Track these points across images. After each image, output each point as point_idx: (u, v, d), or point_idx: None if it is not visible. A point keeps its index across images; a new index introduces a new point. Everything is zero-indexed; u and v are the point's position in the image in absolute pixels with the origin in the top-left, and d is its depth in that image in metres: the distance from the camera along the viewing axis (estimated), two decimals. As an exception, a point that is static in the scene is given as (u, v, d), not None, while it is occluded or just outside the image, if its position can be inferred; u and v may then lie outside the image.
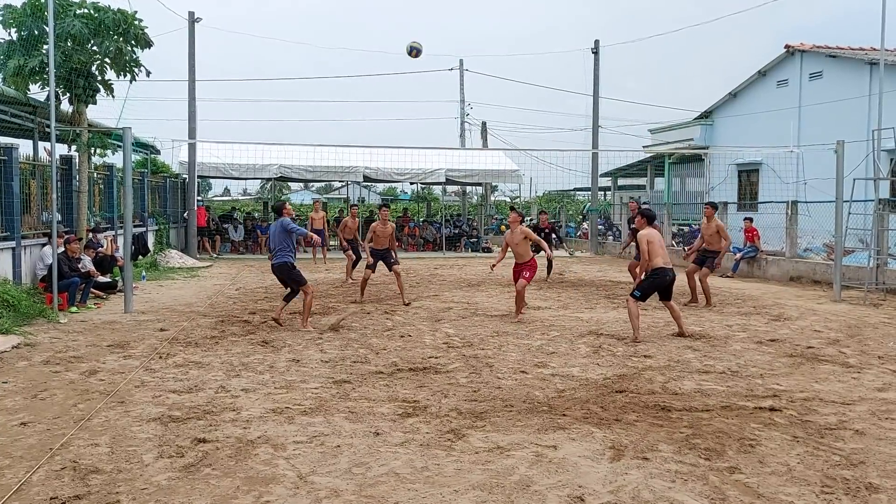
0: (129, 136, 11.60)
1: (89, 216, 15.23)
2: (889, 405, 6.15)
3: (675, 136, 26.97)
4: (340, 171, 24.36)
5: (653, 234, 9.15)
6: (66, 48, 13.24)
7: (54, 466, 4.65)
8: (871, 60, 18.48)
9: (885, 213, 13.83)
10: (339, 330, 9.63)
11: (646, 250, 9.03)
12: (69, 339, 8.92)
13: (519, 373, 7.25)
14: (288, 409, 5.91)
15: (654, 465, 4.68)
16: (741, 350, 8.47)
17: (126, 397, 6.27)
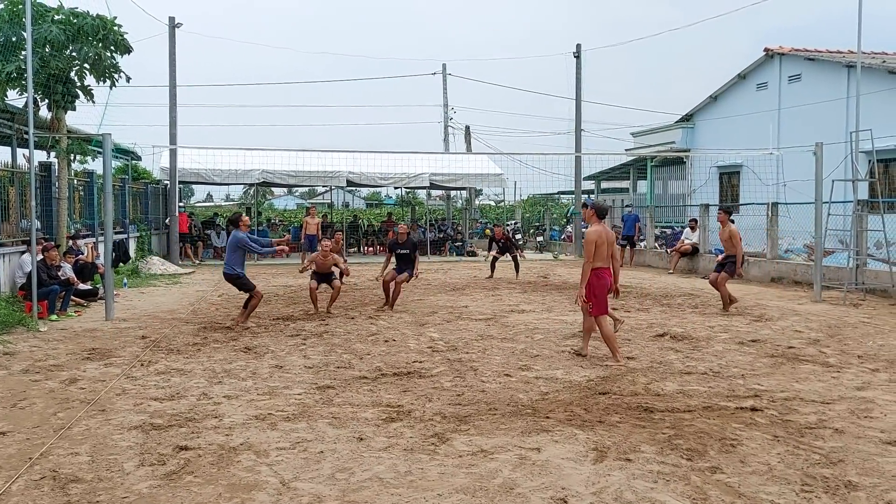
0: (109, 143, 11.51)
1: (69, 223, 15.10)
2: (868, 404, 6.22)
3: (657, 139, 27.17)
4: (324, 175, 24.30)
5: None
6: (44, 54, 13.14)
7: (34, 476, 4.60)
8: (848, 63, 18.71)
9: (864, 213, 14.00)
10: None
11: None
12: (49, 347, 8.83)
13: (503, 376, 7.27)
14: (271, 416, 5.88)
15: (637, 466, 4.71)
16: (723, 351, 8.53)
17: (107, 405, 6.22)
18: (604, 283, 7.97)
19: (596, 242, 7.85)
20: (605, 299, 8.02)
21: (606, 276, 8.00)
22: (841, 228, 14.51)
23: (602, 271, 7.96)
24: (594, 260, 7.88)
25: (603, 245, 7.91)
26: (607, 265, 8.02)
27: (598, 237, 7.88)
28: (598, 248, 7.86)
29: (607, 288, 8.02)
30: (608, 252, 8.00)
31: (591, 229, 7.95)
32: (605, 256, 7.95)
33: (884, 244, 13.66)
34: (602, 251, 7.91)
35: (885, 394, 6.56)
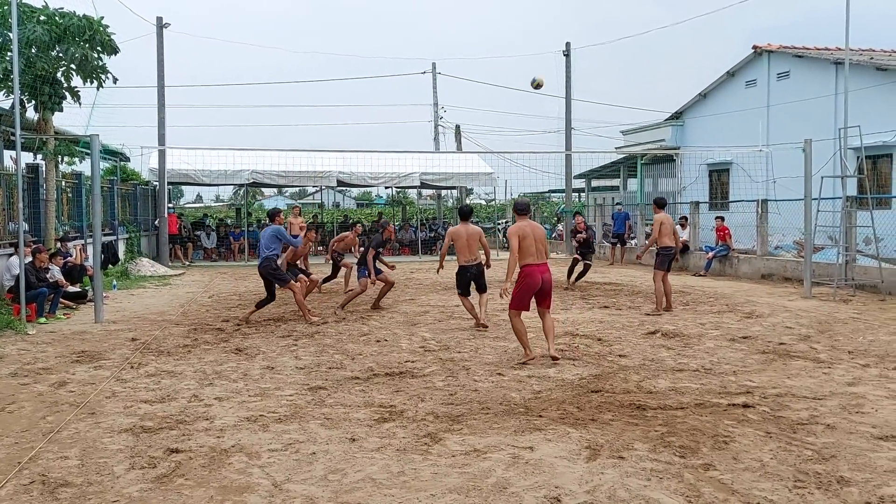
0: (97, 144, 11.43)
1: (57, 225, 14.99)
2: (859, 399, 6.24)
3: (647, 137, 27.23)
4: (314, 175, 24.23)
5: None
6: (30, 55, 13.03)
7: (23, 480, 4.55)
8: (836, 60, 18.79)
9: (853, 210, 14.07)
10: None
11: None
12: (38, 350, 8.76)
13: (495, 375, 7.25)
14: (262, 417, 5.85)
15: (630, 464, 4.70)
16: (714, 348, 8.55)
17: (96, 408, 6.17)
18: (529, 280, 7.68)
19: (518, 236, 7.66)
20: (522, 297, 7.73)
21: (534, 272, 7.68)
22: (830, 225, 14.57)
23: (531, 267, 7.70)
24: (521, 256, 7.69)
25: (527, 239, 7.68)
26: (539, 261, 7.75)
27: (520, 231, 7.70)
28: (521, 243, 7.64)
29: (535, 285, 7.67)
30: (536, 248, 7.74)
31: (513, 226, 7.88)
32: (532, 252, 7.70)
33: (873, 240, 13.74)
34: (526, 245, 7.68)
35: (875, 389, 6.58)
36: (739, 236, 18.64)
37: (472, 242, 9.50)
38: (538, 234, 7.83)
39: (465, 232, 9.49)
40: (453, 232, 9.68)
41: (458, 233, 9.65)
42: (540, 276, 7.68)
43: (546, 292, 7.78)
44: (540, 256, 7.75)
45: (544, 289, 7.74)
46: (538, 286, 7.68)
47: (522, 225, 7.80)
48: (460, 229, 9.67)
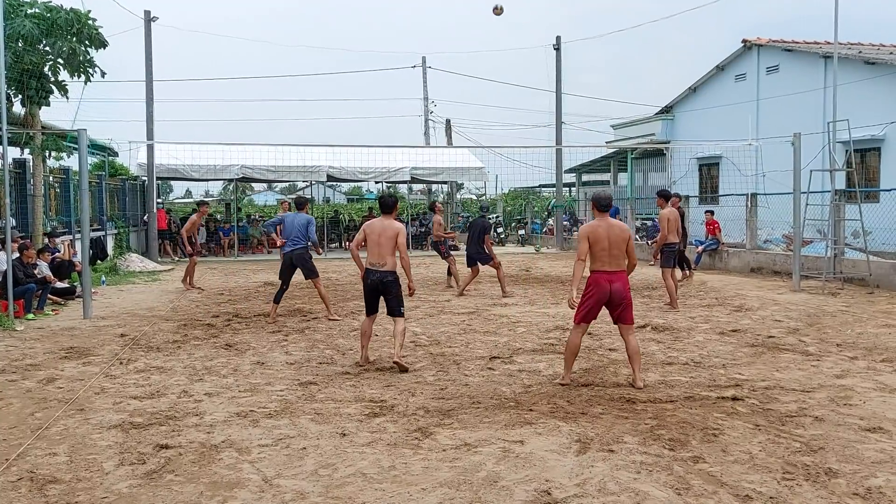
0: (85, 138, 11.35)
1: (45, 221, 14.90)
2: (847, 391, 6.28)
3: (637, 132, 27.29)
4: (304, 170, 24.14)
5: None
6: (17, 49, 12.92)
7: (10, 477, 4.52)
8: (825, 54, 18.87)
9: (842, 203, 14.14)
10: None
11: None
12: (26, 346, 8.70)
13: (486, 369, 7.26)
14: (252, 413, 5.83)
15: (620, 457, 4.72)
16: (704, 341, 8.59)
17: (85, 405, 6.13)
18: (595, 290, 6.54)
19: (589, 239, 6.54)
20: (588, 308, 6.60)
21: (601, 281, 6.53)
22: (819, 218, 14.66)
23: (598, 275, 6.56)
24: (591, 260, 6.59)
25: (599, 243, 6.49)
26: (611, 268, 6.53)
27: (593, 233, 6.54)
28: (592, 246, 6.53)
29: (600, 298, 6.53)
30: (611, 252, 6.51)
31: (585, 226, 6.73)
32: (604, 257, 6.51)
33: (861, 233, 13.82)
34: (598, 250, 6.51)
35: (863, 381, 6.63)
36: (729, 230, 18.72)
37: (385, 242, 7.26)
38: (615, 237, 6.51)
39: (380, 227, 7.36)
40: (368, 225, 7.54)
41: (372, 226, 7.45)
42: (609, 286, 6.46)
43: (617, 304, 6.53)
44: (614, 263, 6.52)
45: (614, 300, 6.50)
46: (606, 297, 6.49)
47: (597, 225, 6.55)
48: (375, 223, 7.47)
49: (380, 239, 7.31)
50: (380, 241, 7.30)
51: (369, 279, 7.36)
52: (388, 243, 7.29)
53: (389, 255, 7.30)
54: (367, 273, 7.40)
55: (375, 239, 7.33)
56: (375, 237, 7.33)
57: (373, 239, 7.34)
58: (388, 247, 7.29)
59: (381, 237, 7.31)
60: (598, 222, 6.60)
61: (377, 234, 7.34)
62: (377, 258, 7.31)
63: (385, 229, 7.36)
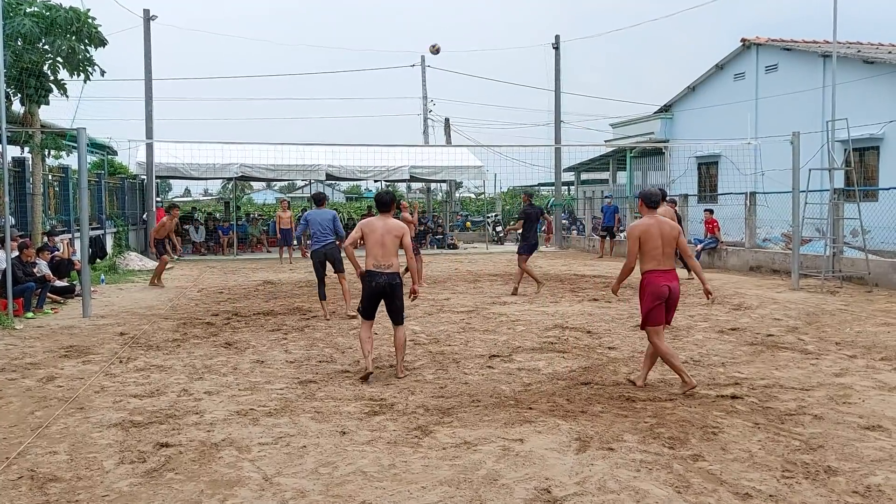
0: (84, 137, 11.34)
1: (44, 219, 14.89)
2: (846, 390, 6.29)
3: (636, 130, 27.27)
4: (303, 169, 24.14)
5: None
6: (17, 47, 12.90)
7: (10, 476, 4.53)
8: (824, 53, 18.87)
9: (840, 202, 14.15)
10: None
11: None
12: (25, 345, 8.70)
13: (485, 368, 7.27)
14: (252, 411, 5.84)
15: (620, 456, 4.73)
16: (703, 339, 8.60)
17: (85, 403, 6.14)
18: (653, 289, 6.29)
19: (640, 238, 6.32)
20: (651, 310, 6.32)
21: (658, 281, 6.29)
22: (818, 217, 14.67)
23: (654, 274, 6.32)
24: (643, 260, 6.36)
25: (651, 241, 6.29)
26: (666, 267, 6.34)
27: (644, 231, 6.32)
28: (643, 246, 6.31)
29: (661, 296, 6.28)
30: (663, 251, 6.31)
31: (635, 222, 6.51)
32: (657, 256, 6.31)
33: (860, 232, 13.83)
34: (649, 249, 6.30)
35: (862, 380, 6.64)
36: (728, 229, 18.72)
37: (389, 242, 6.82)
38: (667, 234, 6.32)
39: (381, 226, 6.88)
40: (366, 224, 7.02)
41: (371, 225, 6.95)
42: (666, 286, 6.27)
43: (670, 306, 6.37)
44: (667, 261, 6.32)
45: (671, 300, 6.34)
46: (664, 296, 6.27)
47: (648, 223, 6.32)
48: (375, 222, 6.97)
49: (383, 239, 6.82)
50: (383, 241, 6.81)
51: (374, 282, 6.80)
52: (392, 243, 6.84)
53: (394, 255, 6.86)
54: (370, 275, 6.83)
55: (378, 239, 6.82)
56: (378, 237, 6.82)
57: (374, 239, 6.82)
58: (393, 247, 6.85)
59: (385, 237, 6.83)
60: (648, 220, 6.37)
61: (379, 233, 6.83)
62: (382, 259, 6.80)
63: (389, 229, 6.88)
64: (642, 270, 6.36)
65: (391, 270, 6.84)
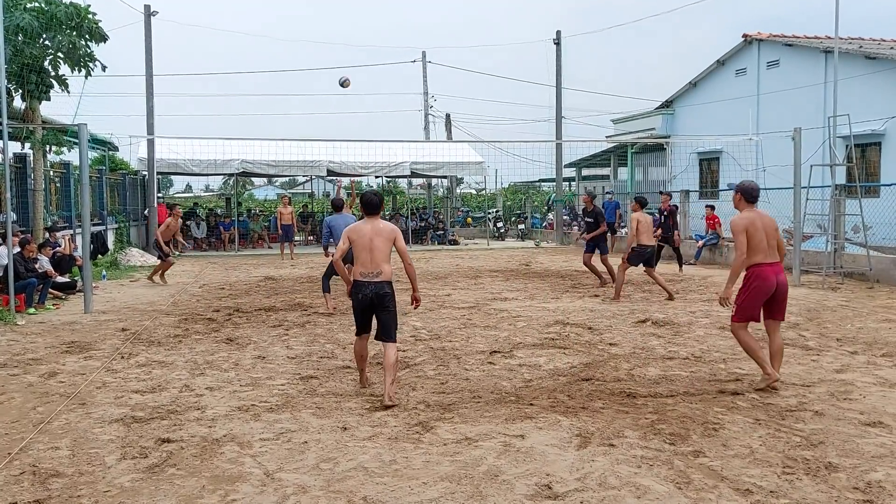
0: (85, 133, 11.34)
1: (46, 215, 14.90)
2: (847, 386, 6.29)
3: (638, 126, 27.24)
4: (304, 165, 24.16)
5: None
6: (17, 43, 12.90)
7: (13, 471, 4.54)
8: (826, 49, 18.83)
9: (842, 198, 14.14)
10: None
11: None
12: (27, 340, 8.72)
13: (486, 364, 7.27)
14: (254, 407, 5.85)
15: (621, 452, 4.73)
16: (704, 336, 8.60)
17: (87, 399, 6.15)
18: (761, 283, 6.19)
19: (747, 231, 6.21)
20: (754, 303, 6.25)
21: (768, 274, 6.21)
22: (819, 213, 14.65)
23: (763, 267, 6.23)
24: (749, 253, 6.23)
25: (757, 233, 6.21)
26: (772, 259, 6.27)
27: (750, 223, 6.25)
28: (750, 240, 6.21)
29: (767, 291, 6.21)
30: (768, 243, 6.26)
31: (740, 217, 6.35)
32: (763, 248, 6.23)
33: (861, 228, 13.82)
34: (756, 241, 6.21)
35: (863, 376, 6.64)
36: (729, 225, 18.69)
37: (379, 247, 6.12)
38: (769, 227, 6.31)
39: (369, 229, 6.14)
40: (353, 230, 6.24)
41: (358, 230, 6.18)
42: (774, 278, 6.20)
43: (780, 299, 6.29)
44: (772, 254, 6.27)
45: (778, 295, 6.26)
46: (771, 290, 6.20)
47: (751, 216, 6.28)
48: (362, 226, 6.19)
49: (372, 243, 6.09)
50: (372, 247, 6.09)
51: (360, 293, 6.09)
52: (382, 248, 6.13)
53: (384, 262, 6.15)
54: (356, 287, 6.14)
55: (366, 244, 6.10)
56: (366, 242, 6.10)
57: (362, 244, 6.11)
58: (383, 252, 6.14)
59: (374, 241, 6.10)
60: (750, 214, 6.31)
61: (367, 238, 6.10)
62: (370, 267, 6.09)
63: (378, 232, 6.14)
64: (749, 263, 6.26)
65: (379, 279, 6.10)
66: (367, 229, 6.16)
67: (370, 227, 6.17)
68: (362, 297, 6.12)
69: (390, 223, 6.47)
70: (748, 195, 6.40)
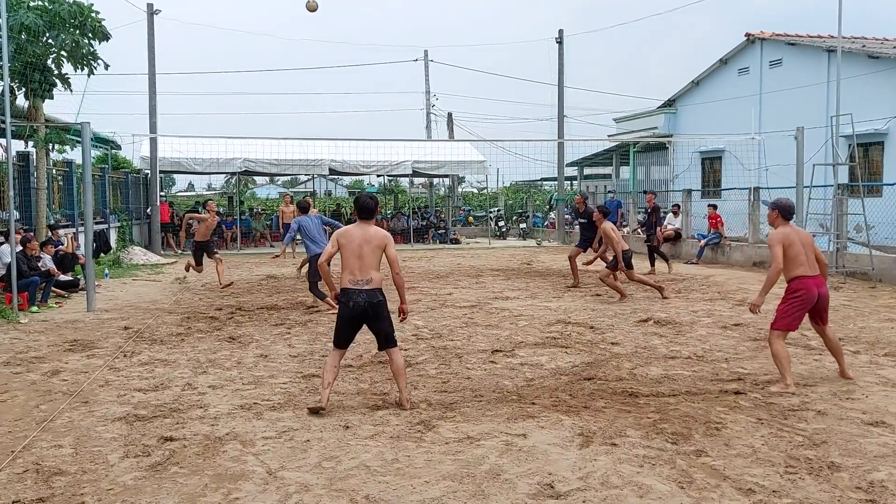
0: (88, 131, 11.36)
1: (48, 214, 14.92)
2: (849, 386, 6.29)
3: (640, 125, 27.22)
4: (306, 164, 24.15)
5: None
6: (20, 41, 12.91)
7: (16, 469, 4.55)
8: (829, 48, 18.80)
9: (844, 197, 14.12)
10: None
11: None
12: (30, 339, 8.73)
13: (488, 363, 7.28)
14: (256, 405, 5.86)
15: (623, 451, 4.73)
16: (706, 335, 8.60)
17: (90, 397, 6.16)
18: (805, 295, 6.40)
19: (784, 244, 6.43)
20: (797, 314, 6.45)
21: (811, 286, 6.41)
22: (821, 212, 14.63)
23: (804, 280, 6.42)
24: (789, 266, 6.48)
25: (794, 246, 6.44)
26: (813, 272, 6.47)
27: (786, 238, 6.46)
28: (787, 250, 6.44)
29: (810, 302, 6.42)
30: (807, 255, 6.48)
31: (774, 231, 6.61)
32: (803, 261, 6.44)
33: (863, 228, 13.80)
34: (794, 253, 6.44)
35: (865, 375, 6.64)
36: (731, 224, 18.69)
37: (369, 253, 5.77)
38: (806, 241, 6.56)
39: (360, 235, 5.81)
40: (342, 234, 5.89)
41: (348, 235, 5.85)
42: (816, 290, 6.44)
43: (822, 308, 6.57)
44: (813, 267, 6.50)
45: (820, 305, 6.52)
46: (813, 301, 6.43)
47: (786, 231, 6.52)
48: (353, 231, 5.88)
49: (362, 250, 5.75)
50: (362, 253, 5.75)
51: (351, 302, 5.73)
52: (373, 254, 5.78)
53: (375, 269, 5.79)
54: (346, 294, 5.76)
55: (355, 250, 5.75)
56: (355, 247, 5.76)
57: (351, 250, 5.76)
58: (374, 259, 5.79)
59: (364, 247, 5.76)
60: (785, 229, 6.56)
61: (357, 243, 5.76)
62: (360, 274, 5.73)
63: (368, 238, 5.79)
64: (791, 276, 6.49)
65: (371, 287, 5.75)
66: (357, 234, 5.82)
67: (361, 233, 5.83)
68: (354, 306, 5.75)
69: (382, 229, 6.07)
70: (785, 212, 6.64)
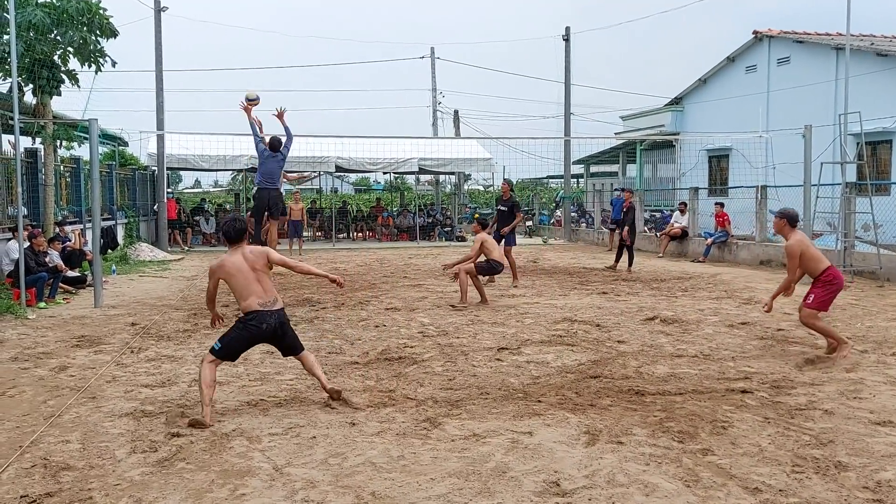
0: (96, 128, 11.39)
1: (56, 210, 14.97)
2: (857, 385, 6.27)
3: (647, 123, 27.17)
4: (312, 161, 24.17)
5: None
6: (29, 38, 12.95)
7: (24, 464, 4.58)
8: (837, 45, 18.73)
9: (852, 196, 14.06)
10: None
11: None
12: (38, 334, 8.77)
13: (494, 360, 7.27)
14: (263, 401, 5.87)
15: (629, 449, 4.73)
16: (713, 334, 8.58)
17: (97, 393, 6.19)
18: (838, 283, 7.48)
19: (802, 254, 7.37)
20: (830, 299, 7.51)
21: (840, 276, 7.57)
22: (829, 211, 14.58)
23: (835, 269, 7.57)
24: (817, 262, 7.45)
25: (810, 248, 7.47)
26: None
27: (802, 245, 7.40)
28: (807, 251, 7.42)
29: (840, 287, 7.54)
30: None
31: (792, 240, 7.45)
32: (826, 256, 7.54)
33: (871, 226, 13.74)
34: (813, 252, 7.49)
35: (873, 375, 6.61)
36: (738, 222, 18.64)
37: (263, 272, 5.67)
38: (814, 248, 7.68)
39: (241, 261, 5.63)
40: (221, 268, 5.67)
41: (232, 266, 5.63)
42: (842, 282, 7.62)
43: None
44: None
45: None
46: (842, 287, 7.64)
47: (800, 237, 7.49)
48: (234, 260, 5.64)
49: (256, 273, 5.62)
50: (258, 277, 5.62)
51: (265, 324, 5.55)
52: (266, 274, 5.69)
53: (273, 287, 5.74)
54: (259, 317, 5.55)
55: (249, 276, 5.59)
56: (248, 273, 5.59)
57: (245, 276, 5.58)
58: (268, 278, 5.73)
59: (255, 270, 5.62)
60: (797, 236, 7.46)
61: (247, 268, 5.59)
62: (266, 296, 5.61)
63: (253, 261, 5.64)
64: (820, 269, 7.40)
65: (277, 306, 5.67)
66: (239, 261, 5.63)
67: (242, 259, 5.64)
68: (267, 328, 5.60)
69: (254, 246, 5.92)
70: (793, 221, 7.48)
